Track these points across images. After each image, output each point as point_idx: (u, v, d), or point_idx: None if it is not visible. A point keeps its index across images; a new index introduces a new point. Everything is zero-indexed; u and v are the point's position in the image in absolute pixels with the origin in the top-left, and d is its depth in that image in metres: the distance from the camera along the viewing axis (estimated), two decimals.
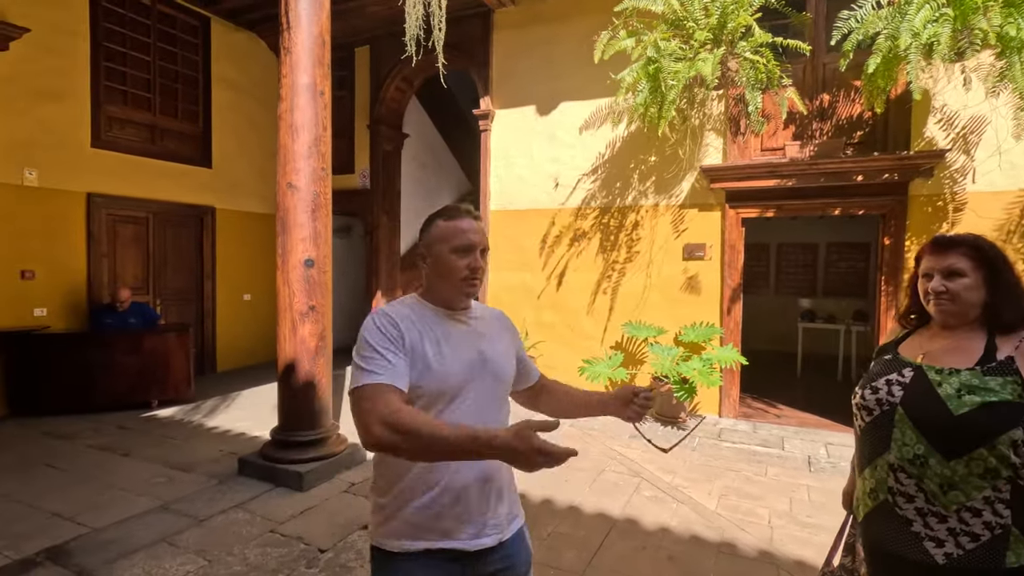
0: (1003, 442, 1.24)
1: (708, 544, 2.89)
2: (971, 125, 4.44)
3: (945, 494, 1.30)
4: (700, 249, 5.36)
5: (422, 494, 1.25)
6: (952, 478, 1.28)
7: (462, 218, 1.31)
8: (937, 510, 1.31)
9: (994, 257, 1.38)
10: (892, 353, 1.51)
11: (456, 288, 1.30)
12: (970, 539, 1.28)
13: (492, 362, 1.34)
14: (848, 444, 4.53)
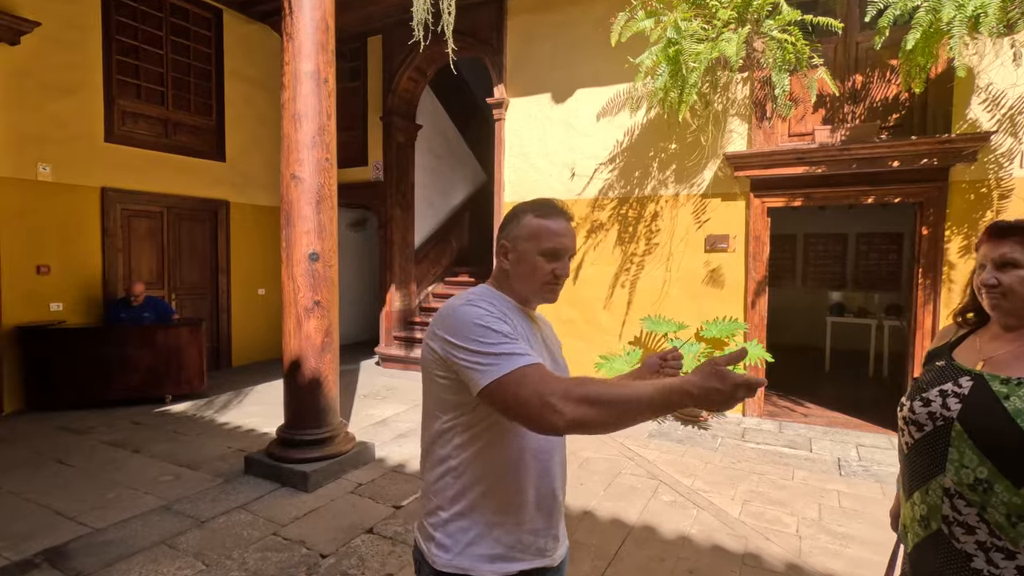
0: None
1: (731, 555, 2.71)
2: (1019, 105, 4.12)
3: (1015, 526, 1.11)
4: (723, 240, 5.12)
5: (515, 506, 1.16)
6: (1022, 507, 1.10)
7: (556, 218, 1.21)
8: (1004, 545, 1.12)
9: None
10: (946, 359, 1.31)
11: (536, 291, 1.23)
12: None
13: (556, 359, 1.31)
14: (881, 446, 4.29)
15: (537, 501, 1.18)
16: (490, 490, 1.14)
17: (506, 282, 1.25)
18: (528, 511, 1.17)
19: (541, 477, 1.18)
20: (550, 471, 1.20)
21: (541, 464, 1.19)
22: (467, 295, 1.19)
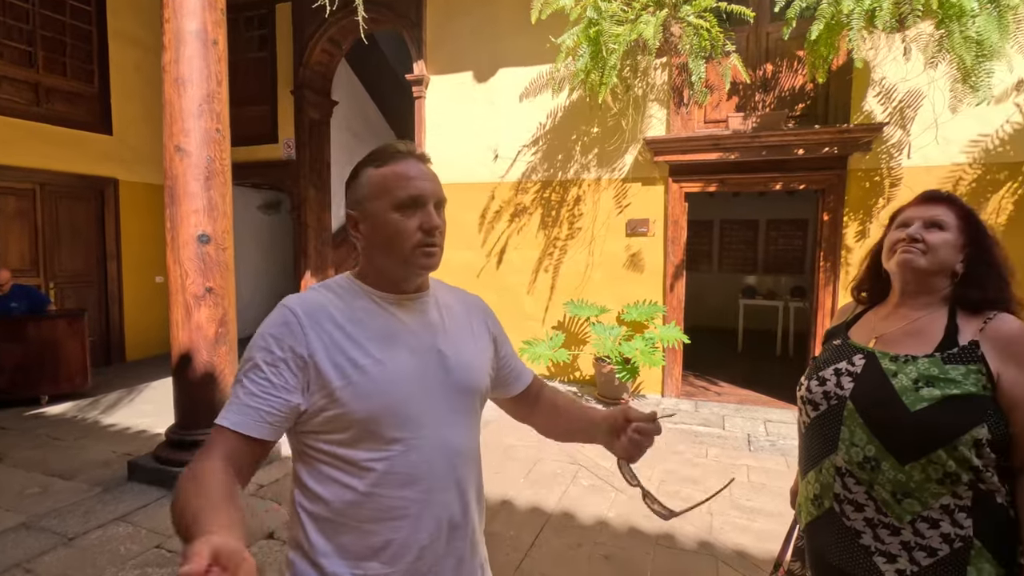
0: (965, 442, 1.05)
1: (647, 537, 2.72)
2: (908, 99, 4.40)
3: (899, 503, 1.10)
4: (643, 225, 5.18)
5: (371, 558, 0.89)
6: (907, 484, 1.09)
7: (404, 160, 0.94)
8: (889, 521, 1.12)
9: (981, 226, 1.19)
10: (842, 337, 1.30)
11: (406, 261, 0.92)
12: (927, 554, 1.09)
13: (458, 367, 0.97)
14: (787, 420, 4.51)
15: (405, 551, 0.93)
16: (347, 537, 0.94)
17: (370, 266, 0.97)
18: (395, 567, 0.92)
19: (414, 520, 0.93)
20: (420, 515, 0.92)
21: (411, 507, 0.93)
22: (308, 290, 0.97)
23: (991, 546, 1.07)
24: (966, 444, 1.05)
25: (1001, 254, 1.18)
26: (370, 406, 0.87)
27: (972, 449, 1.05)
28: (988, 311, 1.14)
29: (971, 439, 1.05)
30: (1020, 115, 4.17)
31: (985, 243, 1.17)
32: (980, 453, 1.05)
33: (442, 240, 0.96)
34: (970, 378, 1.07)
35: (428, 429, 0.92)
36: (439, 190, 0.96)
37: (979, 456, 1.05)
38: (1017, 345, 1.08)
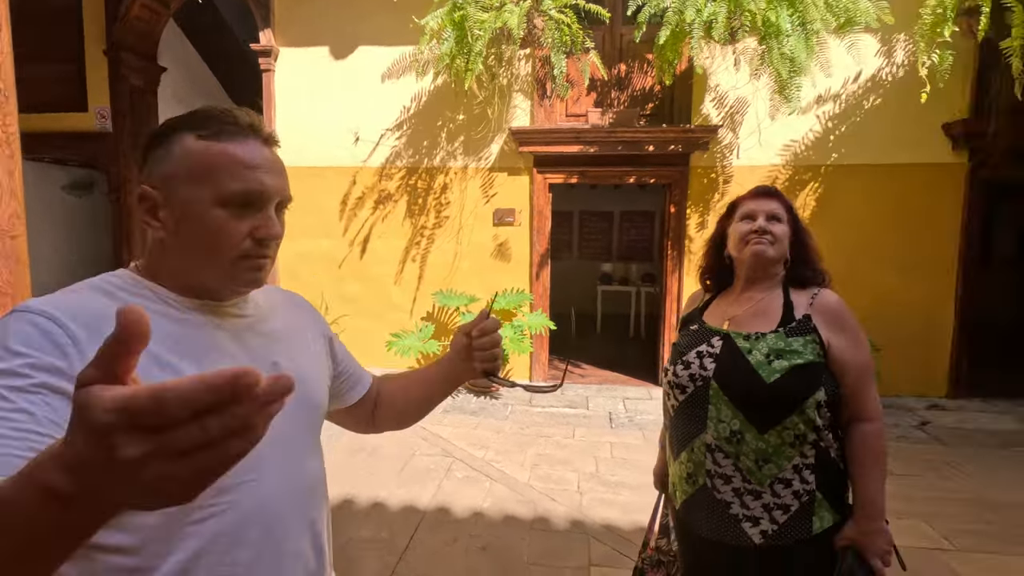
0: (810, 405, 1.20)
1: (522, 523, 2.76)
2: (737, 105, 4.96)
3: (760, 469, 1.22)
4: (510, 215, 5.24)
5: None
6: (767, 451, 1.22)
7: (242, 139, 0.70)
8: (753, 487, 1.23)
9: (798, 217, 1.37)
10: (698, 322, 1.41)
11: (225, 274, 0.71)
12: (782, 512, 1.22)
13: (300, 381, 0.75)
14: (642, 397, 4.89)
15: None
16: None
17: (163, 263, 0.72)
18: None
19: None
20: None
21: None
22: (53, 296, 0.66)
23: (829, 496, 1.23)
24: (811, 407, 1.19)
25: (813, 239, 1.36)
26: None
27: (815, 410, 1.20)
28: (812, 288, 1.31)
29: (814, 402, 1.19)
30: (819, 125, 4.90)
31: (803, 231, 1.35)
32: (820, 414, 1.21)
33: (276, 250, 0.74)
34: (808, 347, 1.22)
35: (270, 465, 0.71)
36: (285, 186, 0.74)
37: (820, 416, 1.20)
38: (841, 315, 1.26)
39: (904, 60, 4.70)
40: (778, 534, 1.21)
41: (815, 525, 1.22)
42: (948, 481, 3.30)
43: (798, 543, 1.21)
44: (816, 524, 1.22)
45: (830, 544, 1.22)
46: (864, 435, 1.23)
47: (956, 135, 4.67)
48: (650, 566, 1.53)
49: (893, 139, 4.78)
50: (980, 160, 4.65)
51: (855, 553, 1.20)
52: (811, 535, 1.21)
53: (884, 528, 1.21)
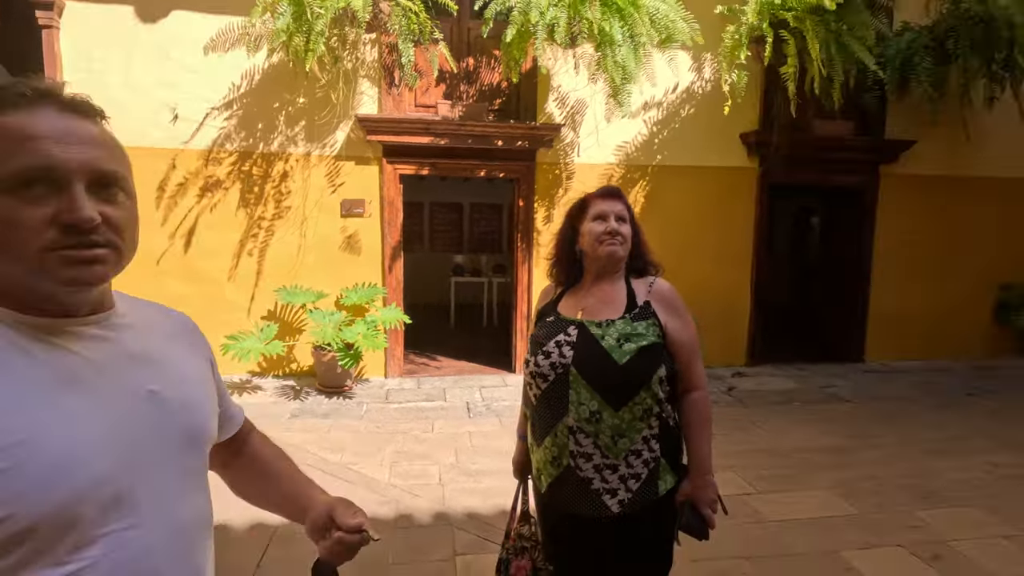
0: (655, 381, 1.34)
1: (384, 523, 2.70)
2: (577, 106, 5.30)
3: (616, 443, 1.34)
4: (359, 205, 5.03)
5: None
6: (621, 426, 1.33)
7: (26, 109, 0.58)
8: (611, 462, 1.34)
9: (633, 212, 1.50)
10: (554, 314, 1.50)
11: (35, 272, 0.58)
12: (635, 480, 1.35)
13: (183, 409, 0.70)
14: (497, 384, 5.05)
15: None
16: None
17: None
18: None
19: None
20: None
21: None
22: None
23: (670, 460, 1.40)
24: (655, 382, 1.34)
25: (644, 233, 1.53)
26: (45, 501, 0.54)
27: (659, 385, 1.34)
28: (648, 277, 1.48)
29: (658, 378, 1.34)
30: (646, 128, 5.45)
31: (637, 226, 1.50)
32: (662, 388, 1.36)
33: (118, 236, 0.62)
34: (650, 330, 1.36)
35: (147, 509, 0.63)
36: (98, 159, 0.60)
37: (662, 390, 1.35)
38: (674, 301, 1.44)
39: (711, 76, 5.42)
40: (632, 501, 1.34)
41: (660, 488, 1.37)
42: (750, 435, 3.93)
43: (647, 506, 1.35)
44: (661, 486, 1.37)
45: (672, 502, 1.39)
46: (695, 402, 1.42)
47: (750, 144, 5.53)
48: (514, 555, 1.57)
49: (705, 145, 5.50)
50: (767, 166, 5.56)
51: (691, 506, 1.38)
52: (658, 497, 1.36)
53: (712, 481, 1.40)
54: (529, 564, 1.55)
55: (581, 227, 1.48)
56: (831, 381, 5.28)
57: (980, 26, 4.83)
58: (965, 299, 6.14)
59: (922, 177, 5.87)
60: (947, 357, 6.07)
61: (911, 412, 4.47)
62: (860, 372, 5.65)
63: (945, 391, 5.04)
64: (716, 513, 1.40)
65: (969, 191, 6.00)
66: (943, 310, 6.07)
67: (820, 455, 3.58)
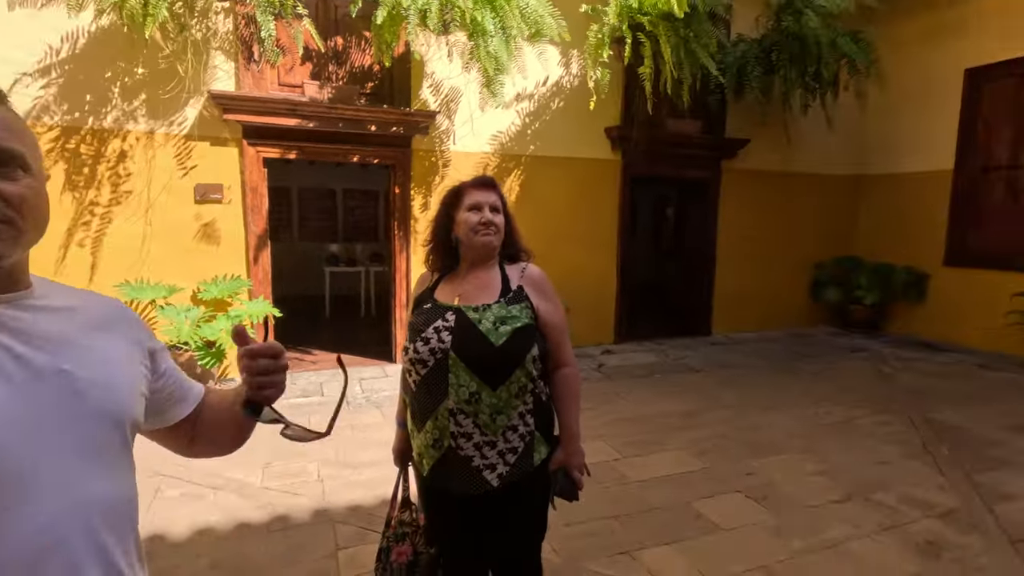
0: (529, 360, 1.42)
1: (258, 528, 2.56)
2: (452, 94, 5.31)
3: (495, 421, 1.41)
4: (216, 191, 4.61)
5: None
6: (499, 405, 1.40)
7: None
8: (489, 439, 1.41)
9: (505, 200, 1.58)
10: (431, 301, 1.53)
11: None
12: (512, 453, 1.43)
13: (94, 388, 0.69)
14: (377, 376, 4.95)
15: None
16: None
17: None
18: None
19: None
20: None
21: None
22: None
23: (543, 432, 1.50)
24: (529, 361, 1.43)
25: (515, 221, 1.61)
26: None
27: (532, 364, 1.43)
28: (520, 263, 1.57)
29: (531, 357, 1.43)
30: (519, 119, 5.61)
31: (510, 215, 1.58)
32: (535, 366, 1.45)
33: (15, 212, 0.63)
34: (524, 312, 1.45)
35: (50, 485, 0.63)
36: None
37: (535, 368, 1.45)
38: (544, 284, 1.54)
39: (578, 72, 5.71)
40: (510, 473, 1.43)
41: (536, 458, 1.47)
42: (616, 407, 4.28)
43: (524, 477, 1.45)
44: (536, 457, 1.47)
45: (545, 470, 1.49)
46: (565, 378, 1.54)
47: (613, 138, 5.93)
48: (394, 541, 1.60)
49: (574, 137, 5.80)
50: (628, 159, 6.01)
51: (563, 472, 1.50)
52: (533, 468, 1.46)
53: (581, 448, 1.54)
54: (410, 549, 1.58)
55: (456, 216, 1.52)
56: (685, 354, 5.90)
57: (796, 42, 5.61)
58: (789, 278, 7.17)
59: (755, 172, 6.72)
60: (776, 328, 7.06)
61: (749, 376, 5.16)
62: (708, 344, 6.37)
63: (775, 357, 5.86)
64: (582, 476, 1.54)
65: (791, 185, 6.99)
66: (772, 288, 7.04)
67: (676, 419, 4.01)
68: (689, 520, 2.69)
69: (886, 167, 7.12)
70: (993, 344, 5.92)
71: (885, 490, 3.00)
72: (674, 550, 2.44)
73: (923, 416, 4.13)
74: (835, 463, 3.32)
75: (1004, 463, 3.34)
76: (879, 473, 3.20)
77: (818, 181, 7.16)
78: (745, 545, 2.49)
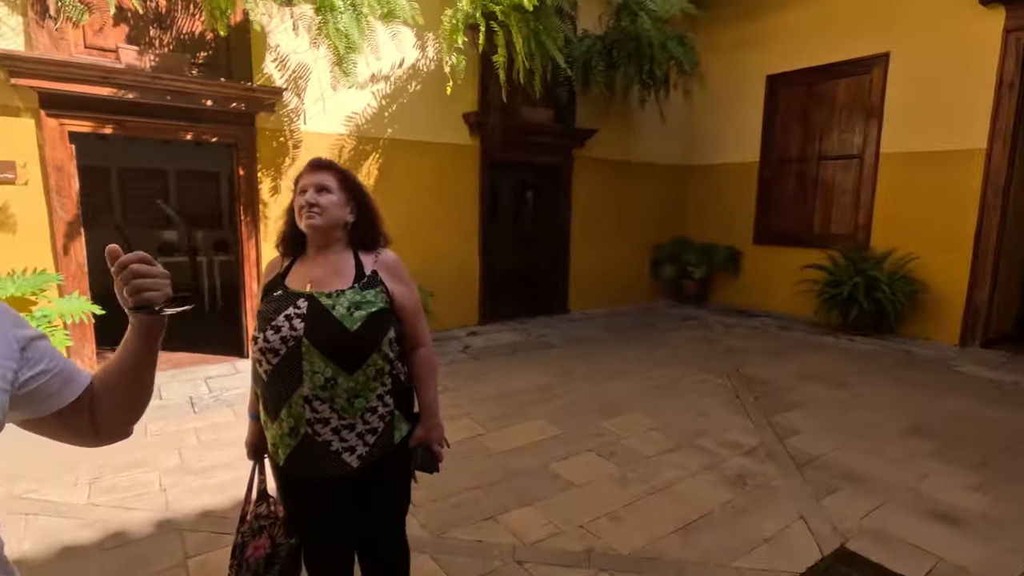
0: (385, 343, 1.45)
1: (88, 548, 2.28)
2: (300, 71, 5.00)
3: (352, 404, 1.42)
4: (8, 169, 3.90)
5: None
6: (356, 388, 1.42)
7: None
8: (348, 422, 1.43)
9: (357, 183, 1.57)
10: (281, 288, 1.50)
11: None
12: (372, 434, 1.46)
13: None
14: (228, 373, 4.59)
15: None
16: None
17: None
18: None
19: None
20: None
21: None
22: None
23: (403, 410, 1.55)
24: (385, 344, 1.45)
25: (373, 205, 1.61)
26: None
27: (388, 346, 1.46)
28: (376, 248, 1.58)
29: (387, 340, 1.46)
30: (376, 101, 5.47)
31: (364, 199, 1.57)
32: (392, 348, 1.49)
33: None
34: (379, 297, 1.47)
35: None
36: None
37: (392, 351, 1.48)
38: (398, 269, 1.56)
39: (434, 56, 5.70)
40: (370, 453, 1.46)
41: (396, 436, 1.52)
42: (481, 385, 4.45)
43: (385, 455, 1.49)
44: (397, 435, 1.52)
45: (406, 447, 1.55)
46: (421, 357, 1.59)
47: (471, 123, 6.03)
48: (250, 536, 1.54)
49: (433, 121, 5.80)
50: (486, 144, 6.16)
51: (423, 447, 1.57)
52: (394, 445, 1.51)
53: (440, 423, 1.61)
54: (268, 542, 1.54)
55: (294, 203, 1.50)
56: (544, 331, 6.27)
57: (633, 42, 6.14)
58: (633, 258, 7.91)
59: (603, 160, 7.27)
60: (623, 304, 7.77)
61: (599, 349, 5.64)
62: (565, 321, 6.83)
63: (623, 330, 6.47)
64: (443, 448, 1.62)
65: (633, 173, 7.68)
66: (619, 267, 7.72)
67: (536, 393, 4.28)
68: (547, 481, 2.92)
69: (709, 158, 8.12)
70: (790, 308, 7.11)
71: (705, 436, 3.51)
72: (535, 509, 2.64)
73: (736, 371, 4.87)
74: (667, 418, 3.80)
75: (795, 405, 4.08)
76: (701, 423, 3.73)
77: (655, 170, 7.96)
78: (595, 496, 2.78)
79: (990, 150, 5.47)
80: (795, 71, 7.01)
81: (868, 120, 6.39)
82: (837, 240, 6.68)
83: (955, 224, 5.73)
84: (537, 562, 2.25)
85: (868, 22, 6.25)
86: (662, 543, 2.40)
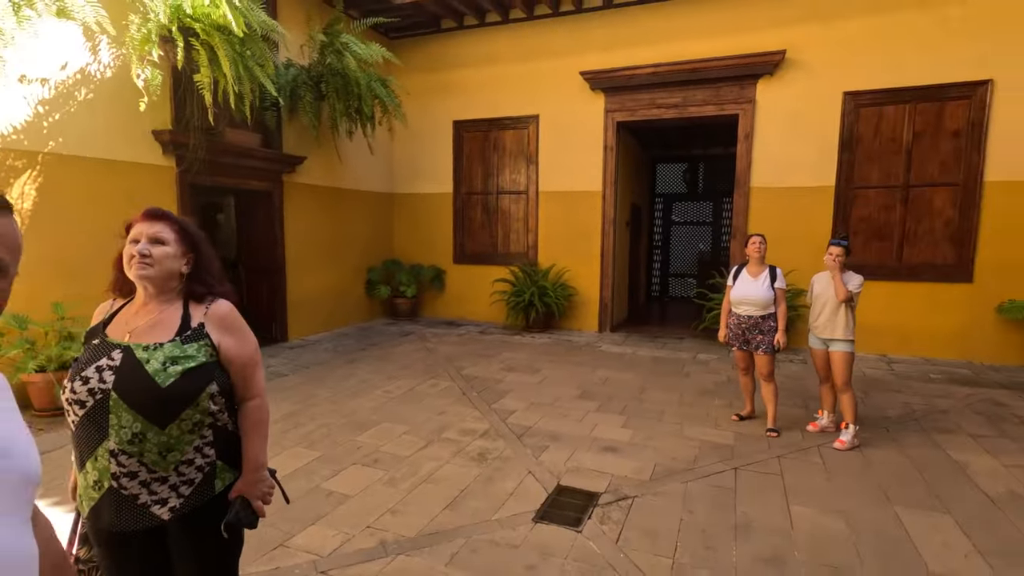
0: (203, 398, 1.43)
1: None
2: None
3: (165, 458, 1.39)
4: None
5: None
6: (169, 442, 1.39)
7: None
8: (159, 475, 1.40)
9: (197, 235, 1.58)
10: (100, 336, 1.47)
11: None
12: (188, 486, 1.44)
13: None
14: None
15: None
16: None
17: None
18: None
19: None
20: None
21: None
22: None
23: (228, 460, 1.54)
24: (205, 399, 1.45)
25: (213, 256, 1.62)
26: None
27: (209, 400, 1.46)
28: (208, 299, 1.58)
29: (207, 395, 1.45)
30: (28, 107, 4.45)
31: (202, 249, 1.59)
32: (215, 401, 1.49)
33: None
34: (201, 351, 1.48)
35: None
36: None
37: (215, 404, 1.49)
38: (227, 320, 1.57)
39: (113, 63, 4.95)
40: (185, 504, 1.44)
41: (218, 486, 1.50)
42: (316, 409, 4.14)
43: (204, 504, 1.47)
44: (219, 485, 1.50)
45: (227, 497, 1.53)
46: (249, 410, 1.58)
47: (165, 142, 5.41)
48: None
49: (115, 137, 5.00)
50: (185, 166, 5.61)
51: (241, 500, 1.51)
52: (215, 495, 1.49)
53: (265, 476, 1.56)
54: None
55: (125, 251, 1.49)
56: (269, 362, 6.03)
57: (340, 78, 6.50)
58: (349, 280, 8.18)
59: (314, 187, 7.36)
60: (344, 325, 7.96)
61: (333, 371, 5.78)
62: (288, 349, 6.67)
63: (348, 351, 6.70)
64: (269, 504, 1.59)
65: (344, 199, 7.97)
66: (337, 290, 7.89)
67: (284, 422, 4.24)
68: (323, 499, 3.08)
69: (411, 188, 9.02)
70: (487, 316, 8.50)
71: (449, 429, 4.16)
72: (320, 526, 2.80)
73: (459, 373, 5.72)
74: (413, 422, 4.32)
75: (506, 392, 5.10)
76: (442, 420, 4.37)
77: (364, 197, 8.42)
78: (372, 500, 3.09)
79: (604, 192, 7.77)
80: (473, 120, 8.47)
81: (529, 164, 8.22)
82: (516, 258, 8.35)
83: (589, 244, 7.91)
84: (341, 566, 2.47)
85: (523, 89, 8.06)
86: (439, 519, 2.90)
